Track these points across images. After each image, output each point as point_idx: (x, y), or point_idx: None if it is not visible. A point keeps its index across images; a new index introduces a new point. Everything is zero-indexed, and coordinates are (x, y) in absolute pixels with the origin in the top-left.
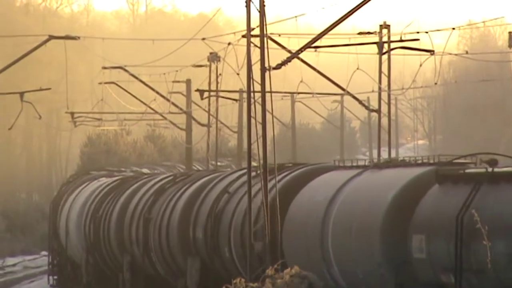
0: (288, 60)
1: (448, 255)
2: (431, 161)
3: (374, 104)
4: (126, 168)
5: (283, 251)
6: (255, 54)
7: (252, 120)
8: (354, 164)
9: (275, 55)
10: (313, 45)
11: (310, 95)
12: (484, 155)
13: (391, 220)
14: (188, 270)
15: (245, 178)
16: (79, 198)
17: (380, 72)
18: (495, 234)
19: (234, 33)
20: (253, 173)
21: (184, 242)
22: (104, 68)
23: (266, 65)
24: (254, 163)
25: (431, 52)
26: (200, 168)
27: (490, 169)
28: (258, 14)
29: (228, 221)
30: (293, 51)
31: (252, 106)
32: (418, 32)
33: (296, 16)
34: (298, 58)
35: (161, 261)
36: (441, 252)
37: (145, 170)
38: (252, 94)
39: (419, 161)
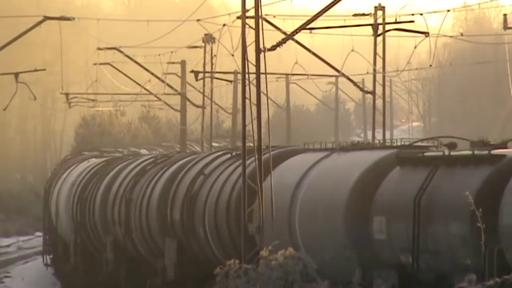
0: (283, 41)
1: (407, 236)
2: (395, 144)
3: (368, 86)
4: (123, 149)
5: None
6: (250, 35)
7: (247, 102)
8: (323, 147)
9: (270, 37)
10: (308, 26)
11: (305, 77)
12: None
13: (354, 203)
14: (166, 251)
15: (219, 160)
16: (69, 179)
17: (375, 54)
18: (450, 216)
19: (229, 14)
20: (229, 155)
21: (162, 223)
22: (99, 49)
23: (261, 46)
24: (250, 144)
25: (426, 34)
26: (198, 149)
27: (447, 153)
28: None
29: (203, 203)
30: (288, 33)
31: (247, 88)
32: (413, 14)
33: None
34: (293, 40)
35: (142, 241)
36: (400, 234)
37: (143, 151)
38: (247, 75)
39: (389, 144)
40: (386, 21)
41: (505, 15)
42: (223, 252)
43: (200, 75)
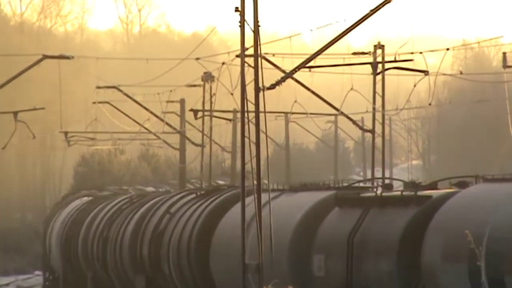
0: (282, 80)
1: (342, 273)
2: (336, 185)
3: (368, 124)
4: (129, 187)
5: (211, 272)
6: (249, 74)
7: (246, 140)
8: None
9: (269, 75)
10: (307, 65)
11: (304, 115)
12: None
13: (296, 242)
14: (137, 286)
15: (185, 199)
16: (60, 217)
17: (374, 92)
18: (379, 253)
19: (228, 53)
20: (194, 194)
21: (133, 260)
22: (98, 87)
23: (260, 85)
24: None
25: (426, 72)
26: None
27: (379, 194)
28: (252, 34)
29: (168, 240)
30: (287, 71)
31: (246, 126)
32: (412, 53)
33: (290, 36)
34: (292, 78)
35: (117, 277)
36: (337, 271)
37: (149, 189)
38: (246, 114)
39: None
40: (386, 59)
41: (504, 53)
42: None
43: (199, 114)
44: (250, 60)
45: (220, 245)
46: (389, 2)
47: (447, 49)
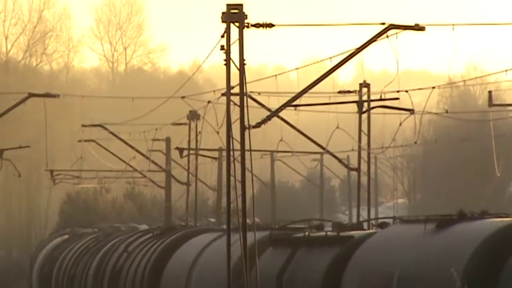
0: (268, 118)
1: None
2: (277, 226)
3: (353, 163)
4: (121, 224)
5: None
6: (235, 112)
7: (232, 179)
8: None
9: (255, 113)
10: (293, 103)
11: (290, 154)
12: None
13: (236, 280)
14: None
15: (143, 238)
16: (41, 254)
17: (360, 130)
18: None
19: (214, 91)
20: (152, 233)
21: None
22: (84, 126)
23: (246, 123)
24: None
25: (411, 111)
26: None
27: (307, 234)
28: (237, 72)
29: (124, 278)
30: (273, 110)
31: (232, 165)
32: (398, 91)
33: (276, 75)
34: (278, 117)
35: None
36: None
37: (143, 226)
38: (231, 152)
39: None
40: (371, 98)
41: (490, 92)
42: None
43: (185, 152)
44: (236, 99)
45: (168, 284)
46: (374, 41)
47: (433, 87)
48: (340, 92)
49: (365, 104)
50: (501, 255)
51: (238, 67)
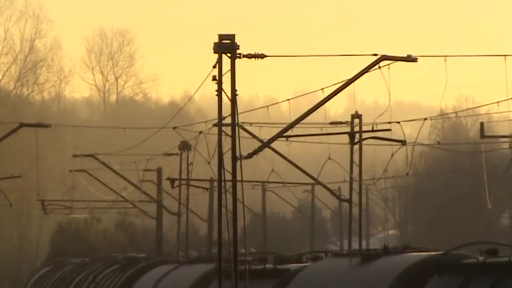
0: (260, 149)
1: None
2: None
3: (345, 194)
4: (119, 254)
5: None
6: (226, 143)
7: (223, 209)
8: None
9: (247, 144)
10: (285, 134)
11: (281, 184)
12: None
13: None
14: None
15: (111, 268)
16: (29, 284)
17: (352, 161)
18: None
19: (205, 122)
20: (119, 265)
21: None
22: (75, 156)
23: (238, 154)
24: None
25: (403, 142)
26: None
27: (252, 267)
28: (229, 102)
29: None
30: (265, 140)
31: (223, 195)
32: (390, 122)
33: (267, 106)
34: (270, 148)
35: None
36: None
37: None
38: (223, 183)
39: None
40: (363, 129)
41: (482, 123)
42: None
43: (176, 183)
44: (228, 129)
45: None
46: (366, 72)
47: (425, 118)
48: (331, 123)
49: (357, 135)
50: (417, 285)
51: (230, 97)
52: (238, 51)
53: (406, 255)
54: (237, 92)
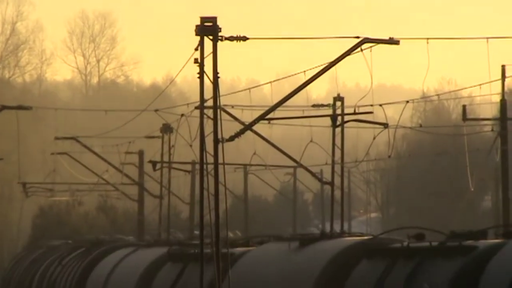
0: (241, 132)
1: None
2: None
3: (327, 177)
4: (105, 236)
5: None
6: (208, 125)
7: (205, 192)
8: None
9: (228, 127)
10: (267, 117)
11: (263, 167)
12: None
13: None
14: None
15: (76, 252)
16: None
17: (334, 144)
18: None
19: (187, 104)
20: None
21: None
22: (57, 138)
23: (219, 137)
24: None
25: (385, 125)
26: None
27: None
28: (211, 85)
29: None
30: (247, 123)
31: (205, 178)
32: (372, 105)
33: (249, 88)
34: (251, 130)
35: None
36: None
37: (130, 238)
38: (205, 166)
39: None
40: (345, 112)
41: (464, 106)
42: None
43: (158, 165)
44: (209, 112)
45: None
46: (348, 54)
47: (407, 101)
48: (314, 106)
49: (339, 118)
50: (346, 268)
51: (212, 80)
52: (220, 34)
53: (341, 240)
54: (219, 75)
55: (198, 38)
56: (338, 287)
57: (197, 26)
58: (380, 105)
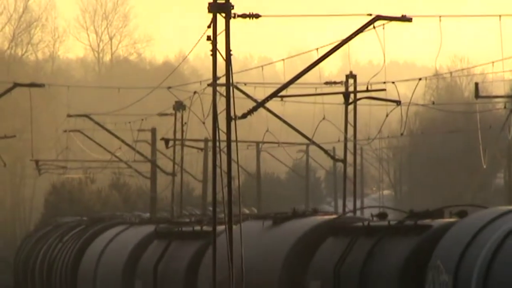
0: (254, 109)
1: None
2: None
3: (339, 154)
4: (127, 213)
5: None
6: (221, 103)
7: (218, 170)
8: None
9: (241, 104)
10: (279, 94)
11: (276, 145)
12: None
13: (126, 271)
14: None
15: (76, 229)
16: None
17: (346, 122)
18: (172, 280)
19: (200, 82)
20: (85, 225)
21: (42, 283)
22: (69, 116)
23: (232, 114)
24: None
25: (398, 102)
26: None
27: (180, 229)
28: (224, 62)
29: (57, 264)
30: (259, 100)
31: (218, 156)
32: (384, 82)
33: (262, 65)
34: (264, 108)
35: None
36: None
37: (147, 215)
38: (217, 143)
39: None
40: (358, 89)
41: (476, 84)
42: None
43: (171, 143)
44: (222, 89)
45: (85, 272)
46: (361, 32)
47: (420, 79)
48: (326, 83)
49: (352, 95)
50: (313, 246)
51: (225, 57)
52: (232, 11)
53: (311, 219)
54: (231, 52)
55: (211, 15)
56: (305, 264)
57: (210, 3)
58: (393, 82)
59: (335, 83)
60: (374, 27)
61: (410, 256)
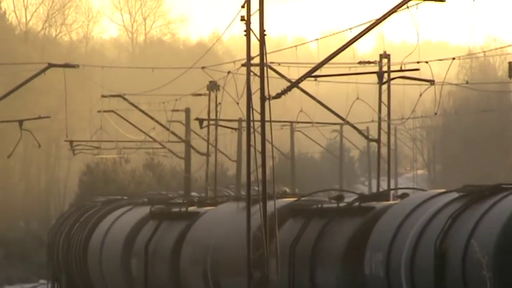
0: (288, 89)
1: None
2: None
3: (373, 134)
4: (173, 193)
5: (91, 279)
6: (255, 83)
7: (252, 150)
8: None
9: (275, 84)
10: (313, 74)
11: (310, 125)
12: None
13: (126, 248)
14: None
15: (93, 209)
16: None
17: (380, 101)
18: (162, 259)
19: (234, 62)
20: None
21: (53, 262)
22: (103, 96)
23: (266, 94)
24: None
25: (431, 82)
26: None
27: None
28: (258, 42)
29: (74, 242)
30: (293, 80)
31: (252, 135)
32: (418, 62)
33: (296, 45)
34: (298, 88)
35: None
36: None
37: (193, 194)
38: (251, 123)
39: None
40: (391, 69)
41: (510, 63)
42: None
43: (205, 123)
44: (256, 69)
45: (92, 247)
46: (394, 12)
47: (453, 58)
48: (360, 62)
49: (385, 75)
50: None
51: (258, 37)
52: None
53: (278, 201)
54: (265, 32)
55: None
56: (268, 243)
57: None
58: (426, 62)
59: (369, 62)
60: (407, 7)
61: (353, 236)
